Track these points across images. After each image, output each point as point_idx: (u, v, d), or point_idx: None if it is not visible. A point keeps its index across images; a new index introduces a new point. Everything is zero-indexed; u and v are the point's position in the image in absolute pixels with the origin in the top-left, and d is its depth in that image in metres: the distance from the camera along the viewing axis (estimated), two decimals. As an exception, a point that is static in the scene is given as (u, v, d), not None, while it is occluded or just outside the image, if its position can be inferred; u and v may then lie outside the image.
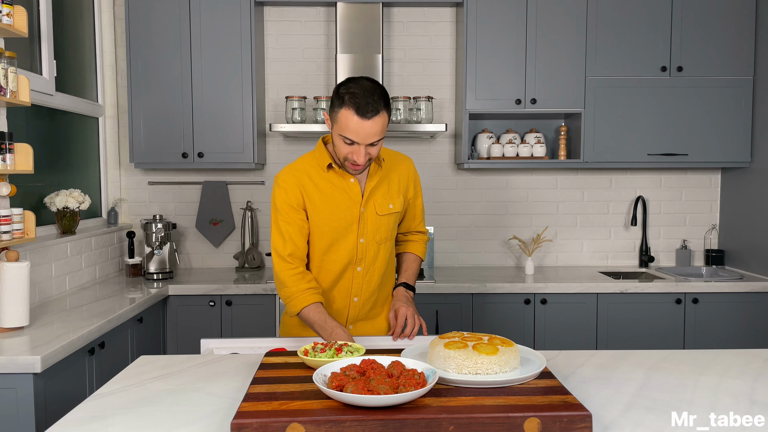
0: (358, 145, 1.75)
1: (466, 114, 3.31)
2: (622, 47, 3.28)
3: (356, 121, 1.71)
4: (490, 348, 1.34)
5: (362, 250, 1.93)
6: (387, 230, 1.96)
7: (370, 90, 1.73)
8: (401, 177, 2.00)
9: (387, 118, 1.77)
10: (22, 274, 2.11)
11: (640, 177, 3.66)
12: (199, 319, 3.06)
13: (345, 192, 1.90)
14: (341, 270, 1.93)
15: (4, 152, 2.22)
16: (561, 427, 1.13)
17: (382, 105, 1.74)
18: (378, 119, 1.73)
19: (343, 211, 1.89)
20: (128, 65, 3.24)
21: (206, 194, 3.55)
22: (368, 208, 1.92)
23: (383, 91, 1.78)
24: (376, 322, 2.02)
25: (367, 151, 1.78)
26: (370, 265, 1.95)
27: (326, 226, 1.90)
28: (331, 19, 3.55)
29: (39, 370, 1.85)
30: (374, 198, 1.92)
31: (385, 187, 1.95)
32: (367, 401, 1.13)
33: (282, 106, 3.56)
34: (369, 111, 1.71)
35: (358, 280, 1.95)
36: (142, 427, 1.22)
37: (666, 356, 1.68)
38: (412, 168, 2.07)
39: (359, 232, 1.91)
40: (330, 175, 1.90)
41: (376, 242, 1.94)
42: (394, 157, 2.02)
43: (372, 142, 1.76)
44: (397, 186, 1.98)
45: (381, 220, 1.94)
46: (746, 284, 3.12)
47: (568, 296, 3.10)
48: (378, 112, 1.72)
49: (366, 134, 1.73)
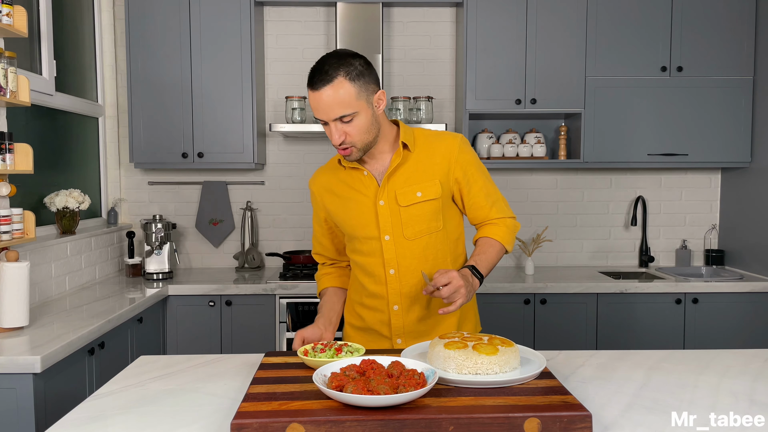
0: (328, 124, 1.57)
1: (466, 114, 3.31)
2: (622, 47, 3.28)
3: (311, 95, 1.54)
4: (490, 348, 1.34)
5: (390, 249, 1.68)
6: (421, 222, 1.68)
7: (329, 60, 1.54)
8: (436, 157, 1.69)
9: (351, 88, 1.53)
10: (22, 274, 2.11)
11: (640, 177, 3.66)
12: (199, 319, 3.06)
13: (358, 186, 1.70)
14: (375, 273, 1.71)
15: (4, 152, 2.22)
16: (561, 427, 1.13)
17: (339, 72, 1.52)
18: (330, 88, 1.51)
19: (359, 207, 1.70)
20: (128, 65, 3.24)
21: (206, 194, 3.55)
22: (388, 200, 1.67)
23: (353, 59, 1.56)
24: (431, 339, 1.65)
25: (340, 129, 1.56)
26: (406, 266, 1.69)
27: (347, 227, 1.74)
28: (331, 19, 3.55)
29: (39, 370, 1.85)
30: (393, 186, 1.67)
31: (410, 172, 1.68)
32: (367, 401, 1.13)
33: (282, 106, 3.56)
34: (317, 81, 1.52)
35: (394, 285, 1.70)
36: (142, 427, 1.22)
37: (666, 356, 1.67)
38: (455, 146, 1.70)
39: (381, 229, 1.68)
40: (345, 171, 1.73)
41: (405, 238, 1.67)
42: (433, 137, 1.73)
43: (339, 117, 1.54)
44: (430, 168, 1.68)
45: (408, 211, 1.66)
46: (746, 284, 3.12)
47: (568, 296, 3.10)
48: (329, 81, 1.51)
49: (323, 107, 1.53)
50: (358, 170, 1.71)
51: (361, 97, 1.55)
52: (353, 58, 1.57)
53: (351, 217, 1.71)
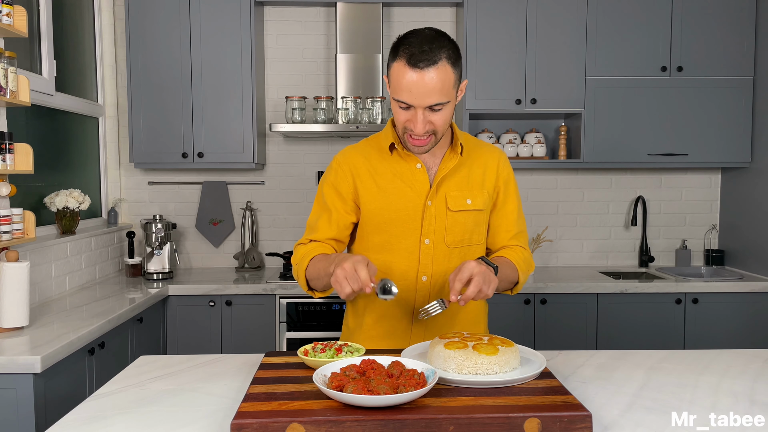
0: (414, 109, 1.42)
1: (466, 114, 3.31)
2: (622, 47, 3.28)
3: (408, 75, 1.38)
4: (490, 348, 1.34)
5: (427, 254, 1.57)
6: (463, 232, 1.58)
7: (429, 38, 1.40)
8: (487, 169, 1.62)
9: (452, 74, 1.41)
10: (22, 274, 2.11)
11: (640, 177, 3.66)
12: (199, 319, 3.06)
13: (407, 179, 1.57)
14: (402, 277, 1.58)
15: (4, 152, 2.22)
16: (561, 427, 1.13)
17: (443, 55, 1.39)
18: (435, 71, 1.38)
19: (403, 202, 1.56)
20: (128, 65, 3.24)
21: (206, 194, 3.55)
22: (437, 201, 1.56)
23: (450, 42, 1.43)
24: None
25: (426, 118, 1.43)
26: (440, 274, 1.58)
27: (381, 219, 1.57)
28: (331, 19, 3.55)
29: (39, 370, 1.84)
30: (446, 188, 1.57)
31: (462, 177, 1.58)
32: (367, 401, 1.13)
33: (282, 106, 3.56)
34: (423, 60, 1.37)
35: (424, 293, 1.59)
36: (141, 427, 1.22)
37: (666, 356, 1.67)
38: (503, 158, 1.64)
39: (423, 231, 1.56)
40: (392, 158, 1.58)
41: (446, 245, 1.57)
42: (480, 146, 1.65)
43: (431, 105, 1.41)
44: (481, 178, 1.60)
45: (454, 217, 1.57)
46: (746, 284, 3.12)
47: (568, 296, 3.10)
48: (435, 62, 1.38)
49: (421, 91, 1.39)
50: (409, 160, 1.57)
51: (455, 85, 1.44)
52: (448, 38, 1.44)
53: (392, 210, 1.56)
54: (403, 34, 1.45)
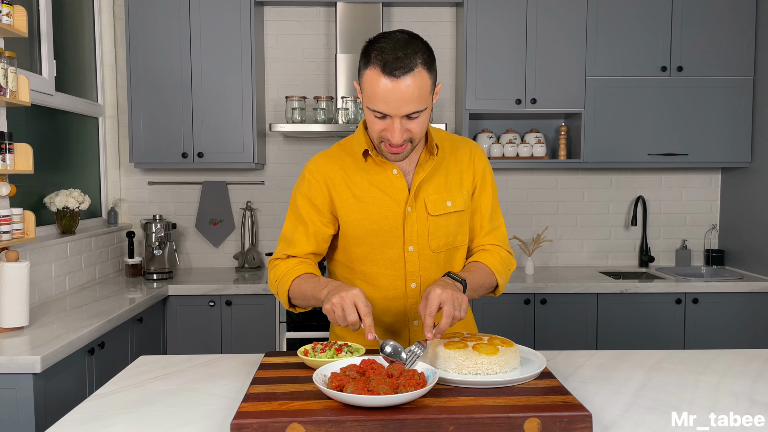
0: (390, 118, 1.36)
1: (466, 114, 3.31)
2: (622, 47, 3.28)
3: (383, 83, 1.32)
4: (490, 348, 1.34)
5: (413, 261, 1.53)
6: (447, 235, 1.55)
7: (403, 42, 1.33)
8: (463, 167, 1.57)
9: (428, 79, 1.35)
10: (22, 274, 2.11)
11: (640, 177, 3.66)
12: (198, 319, 3.06)
13: (385, 187, 1.51)
14: (390, 286, 1.55)
15: (4, 152, 2.22)
16: (561, 427, 1.13)
17: (419, 60, 1.33)
18: (411, 79, 1.32)
19: (383, 211, 1.51)
20: (128, 65, 3.24)
21: (206, 194, 3.55)
22: (417, 207, 1.52)
23: (424, 45, 1.37)
24: None
25: (404, 126, 1.37)
26: (429, 279, 1.55)
27: (361, 231, 1.52)
28: (331, 19, 3.55)
29: (39, 370, 1.84)
30: (425, 192, 1.52)
31: (440, 179, 1.54)
32: (367, 401, 1.13)
33: (282, 106, 3.56)
34: (398, 67, 1.31)
35: (415, 300, 1.55)
36: (141, 427, 1.22)
37: (666, 356, 1.67)
38: (479, 155, 1.59)
39: (406, 239, 1.52)
40: (367, 165, 1.52)
41: (431, 251, 1.53)
42: (455, 142, 1.59)
43: (408, 114, 1.35)
44: (458, 178, 1.56)
45: (436, 222, 1.52)
46: (746, 284, 3.12)
47: (568, 296, 3.10)
48: (411, 69, 1.31)
49: (397, 100, 1.33)
50: (385, 167, 1.51)
51: (431, 90, 1.39)
52: (422, 40, 1.38)
53: (372, 221, 1.51)
54: (374, 38, 1.38)
